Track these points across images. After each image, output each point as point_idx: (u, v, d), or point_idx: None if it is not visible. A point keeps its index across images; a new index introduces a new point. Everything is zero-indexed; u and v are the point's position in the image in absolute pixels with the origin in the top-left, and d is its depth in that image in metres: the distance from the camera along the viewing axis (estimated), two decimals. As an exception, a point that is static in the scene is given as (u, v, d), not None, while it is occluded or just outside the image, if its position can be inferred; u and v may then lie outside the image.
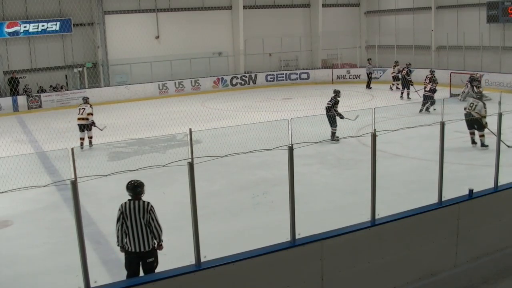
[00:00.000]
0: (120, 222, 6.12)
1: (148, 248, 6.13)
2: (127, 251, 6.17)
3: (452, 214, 7.06)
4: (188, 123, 13.02)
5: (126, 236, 6.12)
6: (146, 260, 6.16)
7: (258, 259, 5.67)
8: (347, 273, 6.25)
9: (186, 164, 5.27)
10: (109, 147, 14.80)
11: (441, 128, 6.98)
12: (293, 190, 5.89)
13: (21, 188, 5.09)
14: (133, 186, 6.14)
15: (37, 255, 8.09)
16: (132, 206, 6.10)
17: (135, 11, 27.53)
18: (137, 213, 6.07)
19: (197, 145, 5.53)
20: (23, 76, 24.60)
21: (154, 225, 6.12)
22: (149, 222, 6.09)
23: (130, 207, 6.09)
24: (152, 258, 6.20)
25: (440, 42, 28.99)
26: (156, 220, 6.15)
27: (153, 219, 6.11)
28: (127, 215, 6.08)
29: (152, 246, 6.18)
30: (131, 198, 6.17)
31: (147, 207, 6.11)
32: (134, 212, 6.07)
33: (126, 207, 6.11)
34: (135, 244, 6.08)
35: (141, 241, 6.08)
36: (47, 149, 14.54)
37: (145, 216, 6.08)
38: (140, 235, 6.07)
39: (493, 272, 7.33)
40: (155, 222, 6.13)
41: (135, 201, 6.13)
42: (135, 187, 6.14)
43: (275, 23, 30.90)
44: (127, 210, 6.09)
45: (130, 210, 6.08)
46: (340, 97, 15.45)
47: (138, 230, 6.06)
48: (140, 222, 6.06)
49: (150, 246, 6.15)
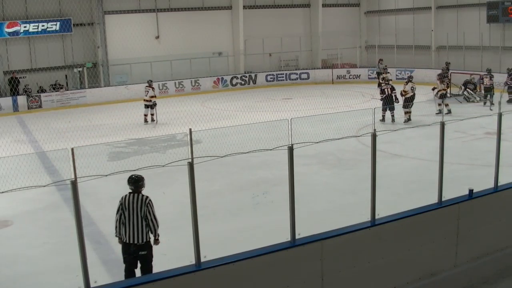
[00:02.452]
0: (119, 213, 6.32)
1: (142, 241, 6.28)
2: (123, 242, 6.35)
3: (452, 214, 7.06)
4: (188, 123, 13.03)
5: (123, 227, 6.29)
6: (139, 253, 6.32)
7: (258, 259, 5.67)
8: (347, 273, 6.25)
9: (186, 164, 5.27)
10: (109, 147, 14.80)
11: (441, 128, 6.99)
12: (293, 190, 5.89)
13: (21, 188, 5.09)
14: (134, 180, 6.34)
15: (37, 255, 8.09)
16: (131, 199, 6.29)
17: (135, 11, 27.53)
18: (135, 206, 6.25)
19: (197, 145, 5.53)
20: (23, 76, 24.59)
21: (150, 219, 6.27)
22: (146, 216, 6.26)
23: (129, 200, 6.29)
24: (145, 251, 6.32)
25: (440, 42, 29.00)
26: (153, 214, 6.31)
27: (149, 213, 6.27)
28: (125, 207, 6.28)
29: (147, 240, 6.33)
30: (131, 192, 6.35)
31: (145, 200, 6.30)
32: (132, 205, 6.26)
33: (125, 199, 6.31)
34: (130, 235, 6.26)
35: (135, 233, 6.25)
36: (47, 149, 14.54)
37: (143, 209, 6.25)
38: (135, 227, 6.25)
39: (493, 272, 7.33)
40: (151, 215, 6.29)
41: (134, 194, 6.33)
42: (136, 181, 6.34)
43: (275, 23, 30.90)
44: (126, 202, 6.29)
45: (129, 203, 6.27)
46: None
47: (134, 222, 6.24)
48: (137, 214, 6.24)
49: (144, 240, 6.30)
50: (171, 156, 10.56)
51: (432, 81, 23.35)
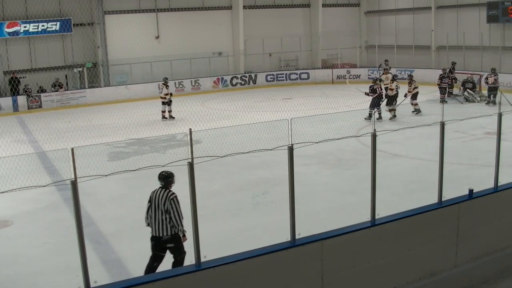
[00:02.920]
0: (147, 207, 6.64)
1: (166, 234, 6.49)
2: (151, 234, 6.63)
3: (452, 214, 7.06)
4: (188, 123, 13.03)
5: (150, 220, 6.58)
6: (166, 245, 6.55)
7: (258, 259, 5.67)
8: (347, 273, 6.25)
9: (186, 164, 5.27)
10: (109, 147, 14.80)
11: (441, 128, 6.99)
12: (293, 190, 5.89)
13: (21, 188, 5.09)
14: (163, 176, 6.56)
15: (37, 255, 8.09)
16: (158, 194, 6.55)
17: (135, 11, 27.53)
18: (159, 201, 6.50)
19: (197, 145, 5.53)
20: (23, 76, 24.59)
21: (172, 214, 6.45)
22: (168, 210, 6.44)
23: (157, 194, 6.56)
24: (172, 244, 6.54)
25: (440, 42, 29.00)
26: (176, 210, 6.46)
27: (172, 208, 6.44)
28: (152, 201, 6.58)
29: (171, 234, 6.50)
30: (161, 187, 6.59)
31: (169, 196, 6.49)
32: (157, 199, 6.52)
33: (154, 194, 6.62)
34: (154, 229, 6.55)
35: (158, 227, 6.50)
36: (47, 149, 14.54)
37: (166, 203, 6.45)
38: (158, 221, 6.49)
39: (493, 272, 7.33)
40: (174, 211, 6.45)
41: (162, 189, 6.57)
42: (166, 177, 6.56)
43: (275, 23, 30.90)
44: (153, 197, 6.58)
45: (155, 197, 6.56)
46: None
47: (157, 216, 6.50)
48: (161, 209, 6.47)
49: (168, 233, 6.49)
50: (171, 156, 10.56)
51: (432, 81, 23.36)
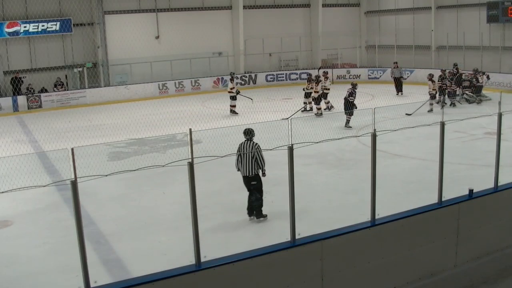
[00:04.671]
0: (237, 155, 8.73)
1: (252, 174, 8.73)
2: (242, 175, 8.85)
3: (452, 214, 7.07)
4: (188, 123, 13.03)
5: (240, 164, 8.79)
6: (251, 182, 8.77)
7: (258, 259, 5.67)
8: (347, 273, 6.25)
9: (186, 164, 5.27)
10: (109, 147, 14.80)
11: (441, 128, 6.99)
12: (293, 190, 5.90)
13: (21, 188, 5.10)
14: (248, 132, 8.81)
15: (37, 255, 8.08)
16: (245, 144, 8.81)
17: (135, 11, 27.51)
18: (247, 149, 8.72)
19: (197, 145, 5.53)
20: (23, 76, 24.59)
21: (257, 158, 8.68)
22: (254, 156, 8.65)
23: (244, 145, 8.81)
24: (255, 181, 8.77)
25: (440, 42, 28.99)
26: (260, 155, 8.70)
27: (258, 154, 8.67)
28: (242, 150, 8.75)
29: (255, 173, 8.74)
30: (246, 140, 8.80)
31: (254, 145, 8.74)
32: (245, 149, 8.75)
33: (241, 145, 8.84)
34: (244, 170, 8.78)
35: (247, 168, 8.72)
36: (47, 149, 14.54)
37: (252, 151, 8.68)
38: (247, 164, 8.71)
39: (493, 272, 7.33)
40: (259, 156, 8.69)
41: (247, 141, 8.79)
42: (249, 132, 8.81)
43: (275, 23, 30.88)
44: (241, 147, 8.80)
45: (244, 147, 8.78)
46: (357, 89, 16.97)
47: (246, 161, 8.71)
48: (248, 155, 8.67)
49: (254, 173, 8.73)
50: (171, 156, 10.56)
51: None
